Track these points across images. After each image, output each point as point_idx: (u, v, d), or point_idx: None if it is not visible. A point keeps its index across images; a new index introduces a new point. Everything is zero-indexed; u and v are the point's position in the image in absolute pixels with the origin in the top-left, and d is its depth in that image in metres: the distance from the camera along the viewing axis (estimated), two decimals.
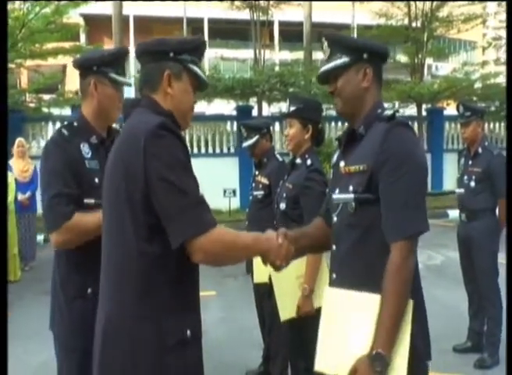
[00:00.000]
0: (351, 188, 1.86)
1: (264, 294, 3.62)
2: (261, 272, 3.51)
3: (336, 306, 1.90)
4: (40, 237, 8.99)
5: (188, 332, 1.69)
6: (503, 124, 15.07)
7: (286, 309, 2.98)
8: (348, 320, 1.84)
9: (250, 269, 3.91)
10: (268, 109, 14.20)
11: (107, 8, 13.37)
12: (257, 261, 3.63)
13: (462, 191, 4.47)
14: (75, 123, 2.39)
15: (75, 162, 2.27)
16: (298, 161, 3.05)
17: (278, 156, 3.95)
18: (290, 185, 3.01)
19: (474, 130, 4.41)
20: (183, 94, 1.83)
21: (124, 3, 14.58)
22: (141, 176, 1.61)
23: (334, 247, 2.00)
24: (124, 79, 2.44)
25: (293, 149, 3.09)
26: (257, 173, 4.02)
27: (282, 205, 3.03)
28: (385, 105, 2.09)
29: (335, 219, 1.98)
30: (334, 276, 1.99)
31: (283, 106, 13.53)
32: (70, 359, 2.29)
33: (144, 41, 1.89)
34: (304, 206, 2.90)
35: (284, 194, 3.04)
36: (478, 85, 14.78)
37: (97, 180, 2.26)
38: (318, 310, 2.90)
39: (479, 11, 14.77)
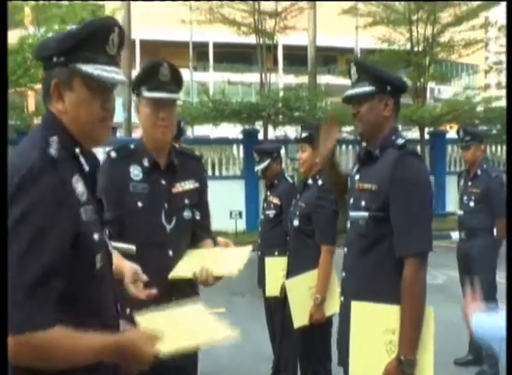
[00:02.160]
0: (363, 204, 2.15)
1: (276, 308, 3.84)
2: (273, 285, 3.77)
3: (363, 319, 2.13)
4: None
5: None
6: (504, 147, 15.32)
7: (299, 317, 3.23)
8: (375, 331, 2.09)
9: (262, 283, 4.12)
10: (273, 133, 14.49)
11: None
12: (268, 274, 3.89)
13: (462, 212, 4.70)
14: (131, 146, 2.35)
15: (117, 185, 2.24)
16: (310, 181, 3.33)
17: (288, 178, 4.22)
18: (303, 204, 3.28)
19: (474, 154, 4.62)
20: (79, 107, 1.45)
21: (131, 27, 14.97)
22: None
23: (346, 250, 2.28)
24: (156, 94, 2.22)
25: (305, 171, 3.37)
26: (268, 193, 4.28)
27: (296, 222, 3.30)
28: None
29: (349, 225, 2.28)
30: (344, 274, 2.28)
31: (288, 129, 13.85)
32: None
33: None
34: (316, 223, 3.17)
35: (297, 212, 3.31)
36: (480, 108, 15.06)
37: (140, 204, 2.23)
38: (328, 318, 3.16)
39: (480, 36, 15.15)
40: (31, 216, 1.29)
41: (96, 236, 1.45)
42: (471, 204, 4.61)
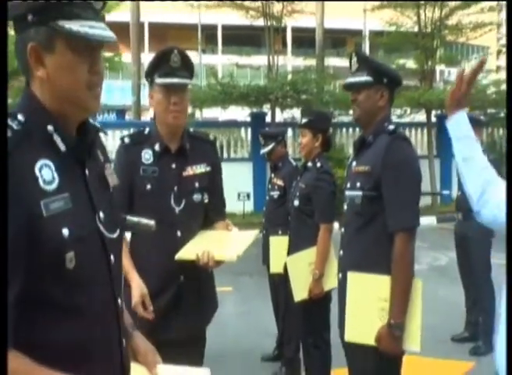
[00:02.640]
0: (358, 184, 2.36)
1: (279, 284, 4.06)
2: (277, 263, 3.98)
3: (359, 286, 2.35)
4: None
5: None
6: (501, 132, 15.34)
7: (299, 292, 3.44)
8: (369, 298, 2.30)
9: (266, 261, 4.34)
10: (281, 115, 14.60)
11: (122, 16, 13.78)
12: (272, 252, 4.11)
13: (460, 193, 4.82)
14: (145, 131, 2.42)
15: (128, 169, 2.31)
16: (309, 164, 3.52)
17: (291, 160, 4.42)
18: (303, 185, 3.48)
19: None
20: (62, 72, 1.23)
21: (141, 10, 15.05)
22: None
23: (343, 229, 2.50)
24: (167, 79, 2.27)
25: (306, 155, 3.57)
26: (272, 175, 4.48)
27: (296, 203, 3.51)
28: (398, 110, 2.49)
29: (345, 207, 2.48)
30: (341, 252, 2.49)
31: (296, 112, 13.95)
32: None
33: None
34: (315, 203, 3.38)
35: (297, 193, 3.51)
36: (489, 91, 15.03)
37: (149, 186, 2.31)
38: (327, 293, 3.37)
39: (489, 19, 15.05)
40: None
41: (66, 231, 1.18)
42: None
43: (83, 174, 1.28)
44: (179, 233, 2.32)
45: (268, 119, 13.63)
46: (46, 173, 1.18)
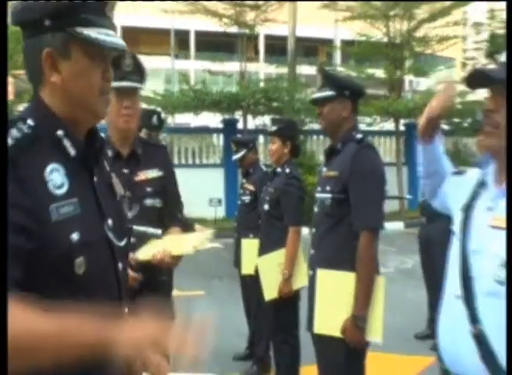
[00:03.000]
0: (328, 188, 2.56)
1: (251, 285, 4.22)
2: (248, 265, 4.15)
3: (327, 282, 2.54)
4: None
5: None
6: (474, 140, 15.82)
7: (270, 291, 3.61)
8: (337, 293, 2.50)
9: (237, 263, 4.50)
10: (252, 122, 14.80)
11: None
12: (244, 255, 4.27)
13: (424, 197, 5.06)
14: None
15: None
16: (279, 170, 3.72)
17: (262, 166, 4.61)
18: (273, 190, 3.67)
19: None
20: (78, 78, 1.24)
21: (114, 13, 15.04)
22: None
23: (314, 230, 2.69)
24: (119, 83, 2.21)
25: (275, 161, 3.77)
26: (244, 181, 4.65)
27: (266, 207, 3.69)
28: (367, 118, 2.64)
29: (316, 209, 2.68)
30: (312, 251, 2.68)
31: (267, 119, 14.18)
32: None
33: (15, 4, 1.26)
34: (284, 207, 3.56)
35: (267, 198, 3.70)
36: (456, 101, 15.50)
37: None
38: (296, 291, 3.56)
39: (454, 32, 15.58)
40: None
41: (75, 235, 1.17)
42: None
43: (92, 180, 1.29)
44: (132, 240, 2.18)
45: (240, 125, 13.81)
46: (56, 177, 1.18)
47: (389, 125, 15.80)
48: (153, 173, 2.40)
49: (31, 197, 1.11)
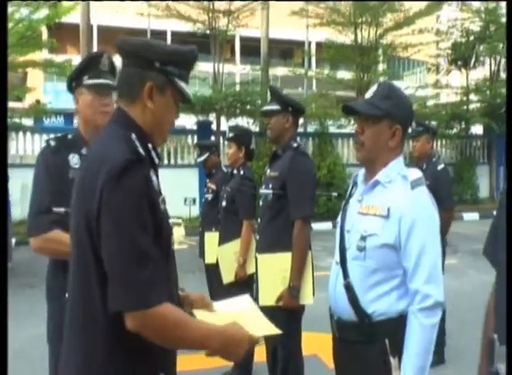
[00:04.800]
0: (270, 185, 3.19)
1: (213, 272, 4.77)
2: (211, 255, 4.73)
3: (267, 264, 3.17)
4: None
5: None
6: (441, 142, 16.60)
7: (228, 275, 4.21)
8: (275, 271, 3.11)
9: (202, 254, 5.07)
10: (226, 124, 15.32)
11: (71, 18, 13.95)
12: (207, 246, 4.82)
13: None
14: (69, 136, 2.45)
15: (57, 172, 2.31)
16: (235, 172, 4.31)
17: (224, 168, 5.17)
18: (229, 189, 4.27)
19: (423, 145, 4.64)
20: (165, 110, 1.61)
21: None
22: (94, 220, 1.44)
23: (259, 220, 3.32)
24: (98, 80, 2.35)
25: (231, 164, 4.38)
26: (208, 180, 5.22)
27: (224, 203, 4.28)
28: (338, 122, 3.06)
29: (261, 203, 3.30)
30: (258, 237, 3.33)
31: (240, 121, 14.72)
32: (52, 354, 2.40)
33: (127, 39, 1.63)
34: (239, 204, 4.16)
35: (225, 196, 4.28)
36: (416, 106, 16.26)
37: None
38: (250, 275, 4.12)
39: (422, 39, 16.32)
40: (126, 211, 1.40)
41: (168, 221, 1.57)
42: None
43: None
44: None
45: (213, 127, 14.29)
46: (154, 178, 1.54)
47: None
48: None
49: (156, 195, 1.52)
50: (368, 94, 2.06)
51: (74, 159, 2.35)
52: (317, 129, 14.60)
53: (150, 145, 1.58)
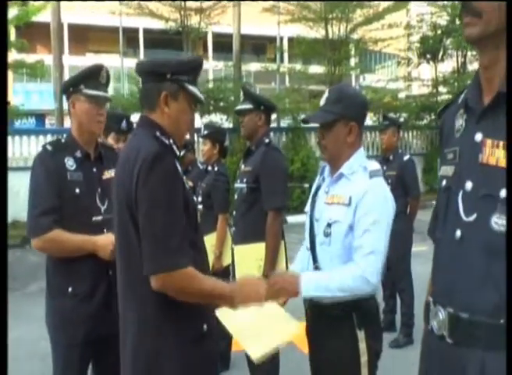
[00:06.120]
0: (244, 180, 3.37)
1: None
2: None
3: (243, 254, 3.35)
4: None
5: (205, 326, 1.86)
6: (412, 133, 16.97)
7: None
8: (250, 260, 3.28)
9: None
10: (200, 121, 15.43)
11: (41, 16, 13.82)
12: None
13: None
14: (62, 140, 2.58)
15: (56, 175, 2.43)
16: (209, 168, 4.48)
17: (199, 165, 5.32)
18: (204, 185, 4.43)
19: (390, 138, 4.93)
20: (180, 114, 1.89)
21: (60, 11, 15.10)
22: (133, 200, 1.74)
23: (235, 212, 3.51)
24: (98, 92, 2.51)
25: (206, 160, 4.55)
26: (184, 177, 5.35)
27: (199, 199, 4.42)
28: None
29: (236, 196, 3.47)
30: (234, 229, 3.53)
31: (214, 118, 14.86)
32: (56, 351, 2.50)
33: (142, 60, 1.96)
34: (214, 198, 4.32)
35: (200, 191, 4.44)
36: (388, 98, 16.60)
37: (77, 190, 2.46)
38: (225, 267, 4.28)
39: (392, 34, 16.65)
40: (163, 191, 1.72)
41: (193, 198, 1.88)
42: (388, 187, 4.98)
43: None
44: (105, 230, 2.51)
45: None
46: (178, 165, 1.85)
47: None
48: (114, 173, 2.72)
49: (182, 177, 1.85)
50: (322, 102, 2.25)
51: (70, 162, 2.50)
52: (290, 124, 14.81)
53: (171, 140, 1.88)
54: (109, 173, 2.60)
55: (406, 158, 4.94)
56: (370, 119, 15.86)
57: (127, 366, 1.84)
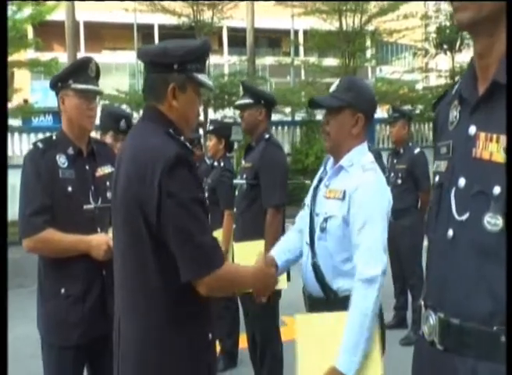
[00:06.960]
0: (245, 176, 3.31)
1: None
2: None
3: (242, 251, 3.19)
4: None
5: (210, 335, 1.81)
6: (428, 125, 16.75)
7: None
8: (250, 256, 2.76)
9: None
10: (214, 115, 15.42)
11: (56, 15, 13.91)
12: None
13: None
14: (54, 137, 2.49)
15: (47, 173, 2.35)
16: (215, 164, 4.44)
17: (207, 160, 5.27)
18: (210, 180, 4.38)
19: (399, 130, 4.83)
20: (188, 105, 1.81)
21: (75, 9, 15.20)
22: (154, 210, 1.63)
23: (235, 208, 3.47)
24: (87, 86, 2.42)
25: (212, 156, 4.51)
26: None
27: (206, 194, 4.36)
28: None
29: (236, 193, 3.43)
30: (234, 226, 3.48)
31: (228, 112, 14.84)
32: (49, 354, 2.42)
33: (146, 49, 1.86)
34: (219, 194, 4.27)
35: (206, 187, 4.38)
36: (403, 90, 16.40)
37: (70, 188, 2.38)
38: None
39: (404, 25, 16.42)
40: (186, 190, 1.65)
41: (205, 196, 1.87)
42: (398, 181, 4.73)
43: None
44: (98, 230, 2.45)
45: (201, 118, 14.39)
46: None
47: None
48: (107, 169, 2.55)
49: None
50: (332, 89, 2.21)
51: (61, 159, 2.41)
52: (304, 117, 14.71)
53: (182, 137, 1.79)
54: (102, 170, 2.54)
55: (416, 151, 4.84)
56: (385, 112, 15.69)
57: None
